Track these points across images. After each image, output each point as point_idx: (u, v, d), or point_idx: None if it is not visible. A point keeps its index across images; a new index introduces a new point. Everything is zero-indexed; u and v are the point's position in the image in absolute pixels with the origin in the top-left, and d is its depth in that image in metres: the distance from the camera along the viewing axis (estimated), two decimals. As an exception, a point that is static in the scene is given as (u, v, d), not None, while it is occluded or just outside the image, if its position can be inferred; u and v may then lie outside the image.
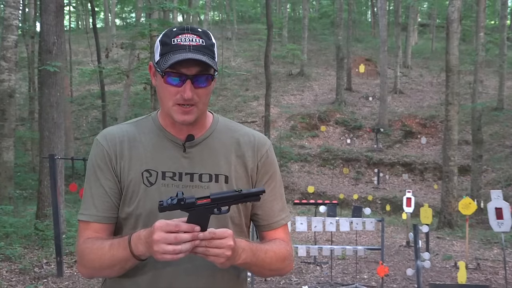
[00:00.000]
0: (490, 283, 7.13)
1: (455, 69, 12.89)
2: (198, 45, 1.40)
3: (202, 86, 1.42)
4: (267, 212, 1.56)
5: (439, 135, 21.22)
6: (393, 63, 27.19)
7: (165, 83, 1.42)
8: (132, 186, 1.46)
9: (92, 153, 1.51)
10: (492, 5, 36.67)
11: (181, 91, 1.41)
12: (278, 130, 22.11)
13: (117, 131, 1.53)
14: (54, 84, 8.43)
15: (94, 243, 1.43)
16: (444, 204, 12.78)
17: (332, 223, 6.65)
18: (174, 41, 1.41)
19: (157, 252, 1.26)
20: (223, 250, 1.29)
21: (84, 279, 6.40)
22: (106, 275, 1.48)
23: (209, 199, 1.30)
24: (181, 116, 1.43)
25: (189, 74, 1.40)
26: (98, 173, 1.48)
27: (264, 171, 1.55)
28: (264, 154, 1.55)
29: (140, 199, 1.45)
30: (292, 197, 16.99)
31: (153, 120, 1.55)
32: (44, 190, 8.40)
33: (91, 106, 25.36)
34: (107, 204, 1.47)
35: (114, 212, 1.48)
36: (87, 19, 38.26)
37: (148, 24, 15.23)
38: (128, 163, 1.48)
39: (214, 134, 1.53)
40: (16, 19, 10.68)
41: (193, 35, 1.42)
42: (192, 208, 1.29)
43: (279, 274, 1.58)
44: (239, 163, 1.52)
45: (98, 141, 1.51)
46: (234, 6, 38.75)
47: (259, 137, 1.57)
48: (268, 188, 1.53)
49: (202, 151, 1.50)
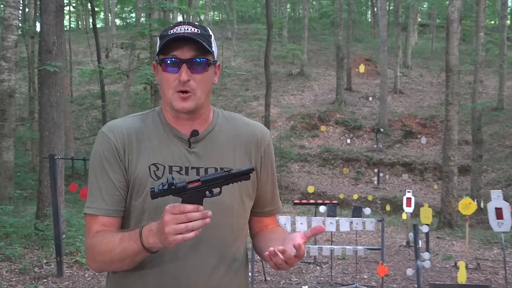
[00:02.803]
0: (490, 283, 7.13)
1: (455, 69, 12.89)
2: (193, 32, 1.44)
3: (198, 72, 1.45)
4: (268, 198, 1.64)
5: (439, 135, 21.22)
6: (393, 63, 27.19)
7: (163, 71, 1.46)
8: (139, 180, 1.47)
9: (98, 146, 1.51)
10: (492, 5, 36.68)
11: (178, 76, 1.43)
12: (278, 130, 22.12)
13: (123, 123, 1.54)
14: (54, 84, 8.42)
15: (105, 236, 1.43)
16: (444, 204, 12.78)
17: (332, 223, 6.65)
18: (171, 32, 1.45)
19: (169, 234, 1.26)
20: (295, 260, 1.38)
21: (84, 279, 6.40)
22: (116, 268, 1.48)
23: (199, 182, 1.30)
24: (180, 103, 1.45)
25: (184, 58, 1.43)
26: (106, 166, 1.48)
27: (267, 160, 1.60)
28: (266, 145, 1.60)
29: (147, 192, 1.45)
30: (292, 197, 17.00)
31: (158, 114, 1.55)
32: (44, 190, 8.40)
33: (91, 106, 25.36)
34: (115, 197, 1.47)
35: (122, 206, 1.49)
36: (87, 19, 38.28)
37: (148, 24, 15.22)
38: (136, 156, 1.48)
39: (216, 128, 1.55)
40: (16, 19, 10.67)
41: (190, 26, 1.46)
42: (184, 192, 1.29)
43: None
44: (243, 154, 1.55)
45: (104, 134, 1.51)
46: (234, 6, 38.74)
47: (260, 128, 1.62)
48: (272, 176, 1.63)
49: (206, 145, 1.52)
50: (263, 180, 1.60)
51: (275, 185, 1.65)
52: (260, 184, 1.60)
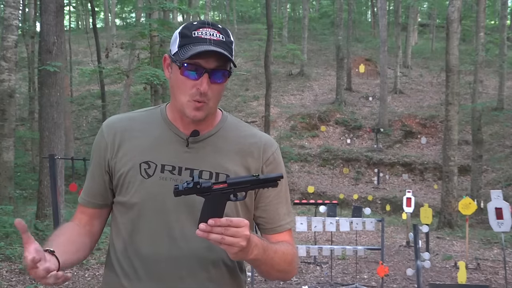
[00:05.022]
0: (490, 283, 7.13)
1: (455, 69, 12.89)
2: (218, 40, 1.40)
3: (218, 82, 1.41)
4: (272, 215, 1.53)
5: (439, 135, 21.22)
6: (393, 63, 27.18)
7: (181, 74, 1.40)
8: (129, 177, 1.46)
9: (95, 139, 1.55)
10: (492, 5, 36.67)
11: (197, 84, 1.39)
12: (278, 130, 22.12)
13: (123, 119, 1.54)
14: (54, 84, 8.43)
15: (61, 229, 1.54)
16: (444, 204, 12.78)
17: (332, 223, 6.65)
18: (195, 34, 1.40)
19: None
20: (238, 240, 1.24)
21: (84, 279, 6.40)
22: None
23: (226, 184, 1.27)
24: (193, 111, 1.41)
25: (208, 68, 1.38)
26: (93, 160, 1.54)
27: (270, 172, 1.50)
28: (270, 157, 1.52)
29: (136, 190, 1.45)
30: (292, 197, 16.99)
31: (161, 112, 1.53)
32: (44, 190, 8.40)
33: (91, 106, 25.37)
34: (91, 190, 1.54)
35: (98, 199, 1.54)
36: (87, 19, 38.28)
37: (148, 24, 15.20)
38: (126, 152, 1.48)
39: (220, 133, 1.51)
40: (16, 19, 10.67)
41: (214, 30, 1.41)
42: (208, 192, 1.26)
43: (284, 278, 1.54)
44: (242, 164, 1.49)
45: (102, 128, 1.54)
46: (234, 6, 38.76)
47: (266, 139, 1.55)
48: (274, 191, 1.50)
49: (205, 147, 1.48)
50: (264, 194, 1.51)
51: (280, 200, 1.54)
52: (260, 197, 1.51)
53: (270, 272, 1.47)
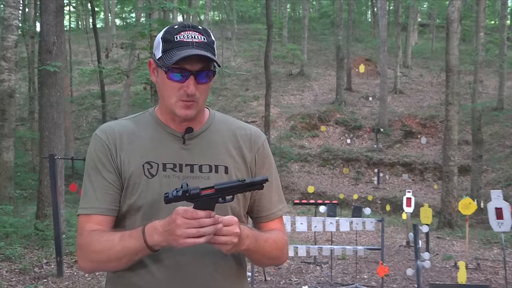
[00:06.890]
0: (490, 283, 7.13)
1: (455, 69, 12.90)
2: (200, 42, 1.45)
3: (203, 82, 1.47)
4: (264, 204, 1.60)
5: (439, 135, 21.22)
6: (393, 63, 27.18)
7: (167, 78, 1.46)
8: (133, 179, 1.48)
9: (92, 148, 1.53)
10: (492, 5, 36.64)
11: (184, 87, 1.45)
12: (278, 130, 22.12)
13: (116, 125, 1.56)
14: (54, 84, 8.42)
15: (102, 235, 1.43)
16: (444, 204, 12.78)
17: (332, 223, 6.65)
18: (177, 38, 1.44)
19: (180, 237, 1.29)
20: (230, 238, 1.33)
21: (84, 279, 6.40)
22: (110, 268, 1.48)
23: (213, 189, 1.33)
24: (183, 110, 1.47)
25: (193, 70, 1.44)
26: (99, 166, 1.49)
27: (262, 163, 1.59)
28: (260, 146, 1.59)
29: (142, 190, 1.47)
30: (292, 197, 16.99)
31: (151, 115, 1.58)
32: (44, 190, 8.40)
33: (91, 106, 25.37)
34: (110, 196, 1.48)
35: (117, 205, 1.49)
36: (87, 19, 38.26)
37: (148, 24, 15.21)
38: (128, 155, 1.49)
39: (211, 127, 1.57)
40: (16, 19, 10.67)
41: (195, 32, 1.46)
42: (197, 199, 1.32)
43: (276, 263, 1.63)
44: (238, 154, 1.55)
45: (97, 135, 1.53)
46: (234, 6, 38.73)
47: (254, 130, 1.62)
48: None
49: (201, 143, 1.53)
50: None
51: (272, 188, 1.60)
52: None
53: (262, 260, 1.56)
